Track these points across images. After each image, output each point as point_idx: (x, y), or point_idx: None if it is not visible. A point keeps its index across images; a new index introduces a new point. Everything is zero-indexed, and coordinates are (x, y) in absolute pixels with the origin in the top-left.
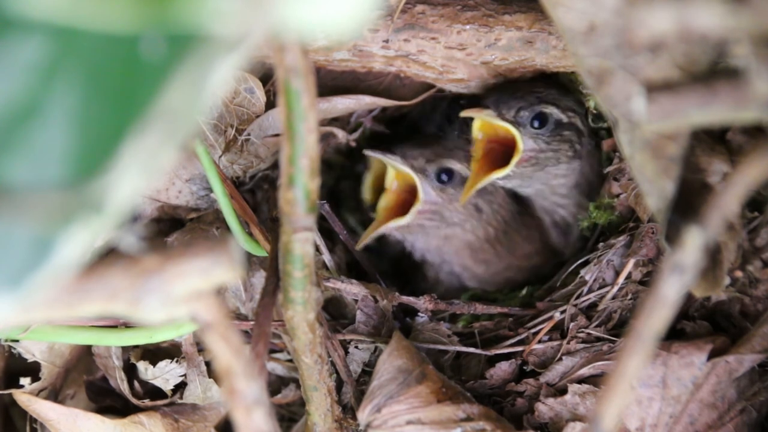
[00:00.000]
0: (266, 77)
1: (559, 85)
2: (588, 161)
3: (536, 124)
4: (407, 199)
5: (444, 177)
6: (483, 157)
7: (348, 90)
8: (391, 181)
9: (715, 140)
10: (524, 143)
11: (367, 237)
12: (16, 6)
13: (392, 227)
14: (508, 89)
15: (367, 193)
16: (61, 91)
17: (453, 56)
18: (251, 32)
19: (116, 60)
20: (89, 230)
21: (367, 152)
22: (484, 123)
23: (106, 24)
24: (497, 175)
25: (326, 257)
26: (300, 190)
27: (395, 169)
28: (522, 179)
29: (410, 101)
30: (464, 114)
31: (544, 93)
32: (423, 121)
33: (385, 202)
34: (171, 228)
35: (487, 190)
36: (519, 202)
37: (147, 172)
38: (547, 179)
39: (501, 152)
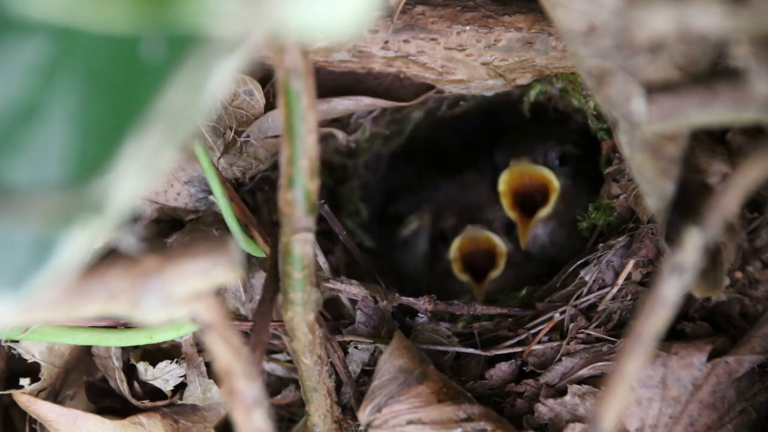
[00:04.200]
0: (265, 78)
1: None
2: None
3: (560, 163)
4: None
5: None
6: (514, 206)
7: (348, 91)
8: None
9: (715, 141)
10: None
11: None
12: (16, 6)
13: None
14: (513, 131)
15: (454, 257)
16: (61, 91)
17: (453, 57)
18: (251, 33)
19: (116, 60)
20: (89, 231)
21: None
22: (512, 175)
23: (106, 24)
24: (544, 213)
25: (321, 259)
26: (299, 191)
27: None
28: (554, 219)
29: (410, 102)
30: (512, 163)
31: (555, 134)
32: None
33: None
34: (171, 229)
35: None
36: None
37: (147, 173)
38: (563, 216)
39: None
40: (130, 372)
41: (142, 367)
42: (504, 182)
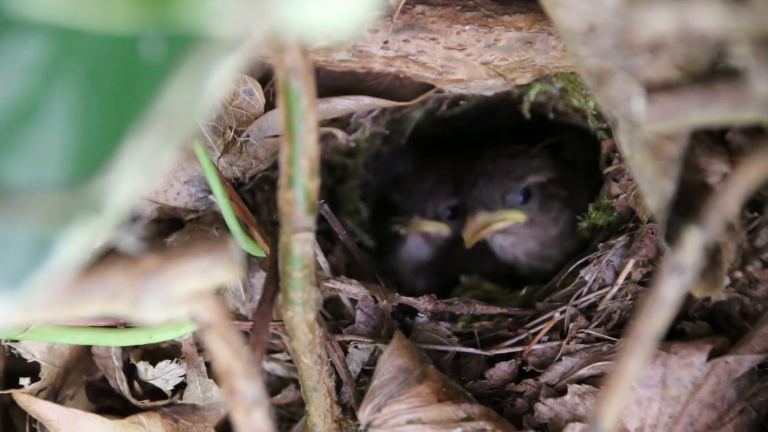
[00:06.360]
0: (265, 78)
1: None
2: (575, 196)
3: (521, 198)
4: None
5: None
6: None
7: (348, 91)
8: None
9: (714, 141)
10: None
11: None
12: (16, 6)
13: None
14: (477, 177)
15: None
16: (61, 91)
17: (452, 57)
18: (251, 33)
19: (116, 60)
20: (89, 230)
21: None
22: (470, 231)
23: (106, 24)
24: (496, 227)
25: (321, 259)
26: (299, 191)
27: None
28: (517, 237)
29: (410, 102)
30: (470, 241)
31: (515, 170)
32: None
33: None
34: (170, 228)
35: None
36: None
37: (146, 172)
38: (540, 234)
39: None
40: (130, 372)
41: (142, 366)
42: (466, 234)
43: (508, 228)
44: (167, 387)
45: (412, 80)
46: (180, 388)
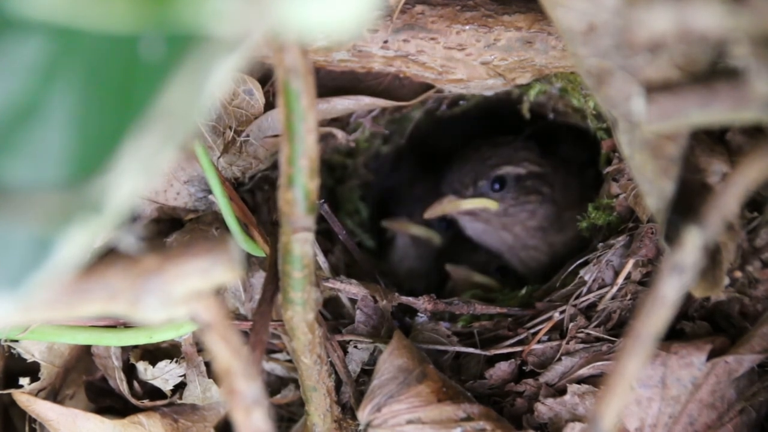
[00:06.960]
0: (265, 78)
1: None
2: (560, 193)
3: (497, 187)
4: None
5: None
6: None
7: (347, 90)
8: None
9: (714, 140)
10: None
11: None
12: (16, 6)
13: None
14: (456, 162)
15: None
16: (61, 91)
17: (452, 56)
18: (251, 33)
19: (116, 60)
20: (89, 230)
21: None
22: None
23: (106, 24)
24: (463, 206)
25: (321, 259)
26: (299, 191)
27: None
28: (487, 225)
29: (410, 101)
30: (429, 215)
31: (492, 157)
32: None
33: None
34: (170, 228)
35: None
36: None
37: (146, 172)
38: (514, 227)
39: None
40: (130, 371)
41: (141, 366)
42: (426, 212)
43: (476, 211)
44: (167, 387)
45: (411, 80)
46: (180, 387)
